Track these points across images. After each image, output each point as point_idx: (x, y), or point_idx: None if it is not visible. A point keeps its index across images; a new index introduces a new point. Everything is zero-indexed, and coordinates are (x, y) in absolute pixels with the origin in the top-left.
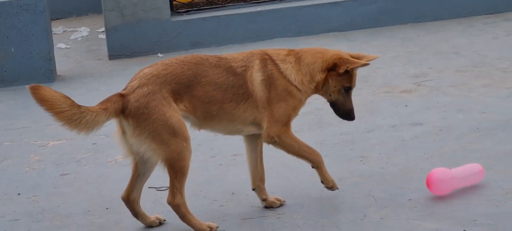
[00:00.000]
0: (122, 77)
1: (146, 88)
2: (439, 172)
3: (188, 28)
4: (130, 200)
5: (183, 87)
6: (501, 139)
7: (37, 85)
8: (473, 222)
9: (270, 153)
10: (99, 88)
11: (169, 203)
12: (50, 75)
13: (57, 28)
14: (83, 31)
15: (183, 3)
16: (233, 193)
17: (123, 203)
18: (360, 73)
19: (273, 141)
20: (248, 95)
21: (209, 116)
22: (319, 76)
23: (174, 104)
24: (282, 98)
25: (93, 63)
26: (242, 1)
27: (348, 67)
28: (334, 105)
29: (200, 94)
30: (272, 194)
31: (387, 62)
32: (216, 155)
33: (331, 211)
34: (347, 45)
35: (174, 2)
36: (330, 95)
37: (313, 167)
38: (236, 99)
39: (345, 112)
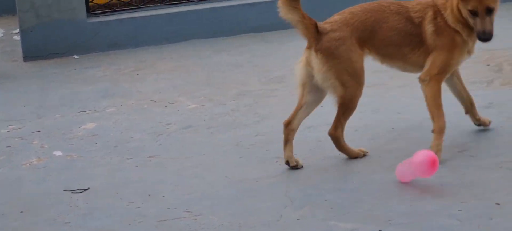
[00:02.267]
0: (38, 79)
1: (338, 34)
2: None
3: (105, 29)
4: (289, 128)
5: (367, 33)
6: (415, 139)
7: None
8: (388, 222)
9: (188, 152)
10: (14, 90)
11: (330, 134)
12: None
13: None
14: None
15: (99, 4)
16: (149, 195)
17: (39, 206)
18: (276, 73)
19: (424, 82)
20: (422, 43)
21: (388, 56)
22: (455, 6)
23: (359, 50)
24: (446, 48)
25: (8, 65)
26: (159, 2)
27: None
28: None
29: (382, 37)
30: (189, 194)
31: None
32: (132, 157)
33: (247, 212)
34: (263, 46)
35: (90, 3)
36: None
37: (432, 131)
38: (413, 45)
39: (478, 34)
